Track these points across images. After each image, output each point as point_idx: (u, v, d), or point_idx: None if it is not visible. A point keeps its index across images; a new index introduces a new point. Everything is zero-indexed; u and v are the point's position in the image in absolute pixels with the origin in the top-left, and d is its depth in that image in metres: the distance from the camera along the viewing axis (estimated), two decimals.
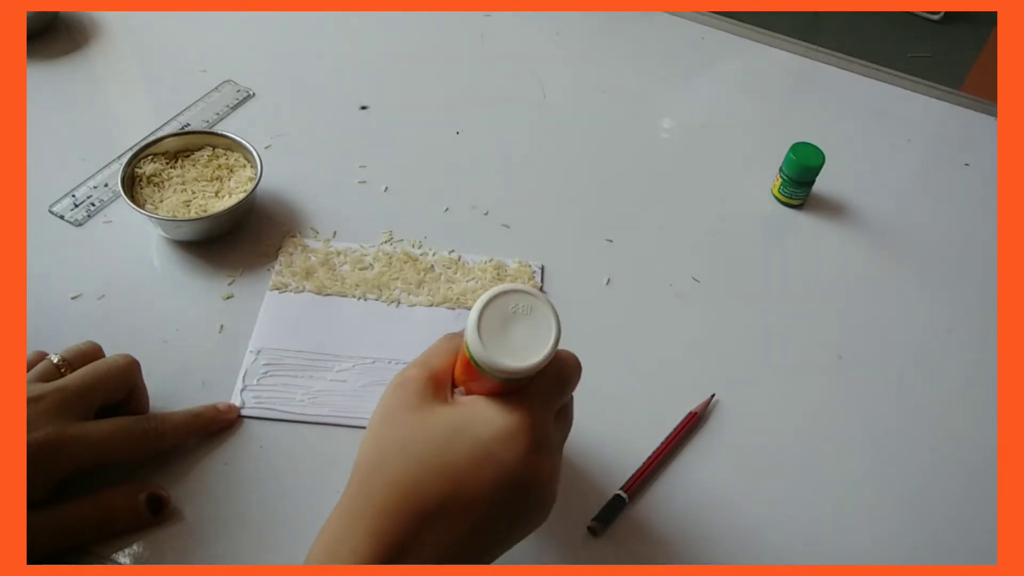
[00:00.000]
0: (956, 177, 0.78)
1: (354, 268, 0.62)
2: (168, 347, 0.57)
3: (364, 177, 0.70)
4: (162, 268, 0.62)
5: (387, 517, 0.37)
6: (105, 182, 0.67)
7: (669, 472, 0.54)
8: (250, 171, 0.65)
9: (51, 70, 0.76)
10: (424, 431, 0.40)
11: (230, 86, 0.76)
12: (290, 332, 0.58)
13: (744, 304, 0.65)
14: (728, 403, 0.58)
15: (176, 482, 0.50)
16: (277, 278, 0.61)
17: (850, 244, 0.70)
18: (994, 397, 0.60)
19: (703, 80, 0.85)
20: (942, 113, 0.84)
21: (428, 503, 0.38)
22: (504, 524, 0.40)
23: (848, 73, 0.87)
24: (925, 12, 2.27)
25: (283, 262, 0.62)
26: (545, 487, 0.40)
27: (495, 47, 0.85)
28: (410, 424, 0.40)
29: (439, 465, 0.38)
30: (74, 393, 0.47)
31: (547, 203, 0.70)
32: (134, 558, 0.47)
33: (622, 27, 0.89)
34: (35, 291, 0.58)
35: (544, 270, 0.64)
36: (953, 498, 0.55)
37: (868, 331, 0.64)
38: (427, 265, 0.63)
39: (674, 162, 0.76)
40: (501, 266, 0.64)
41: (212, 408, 0.53)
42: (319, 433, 0.54)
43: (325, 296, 0.61)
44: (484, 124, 0.76)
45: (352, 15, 0.85)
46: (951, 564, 0.52)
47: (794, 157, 0.69)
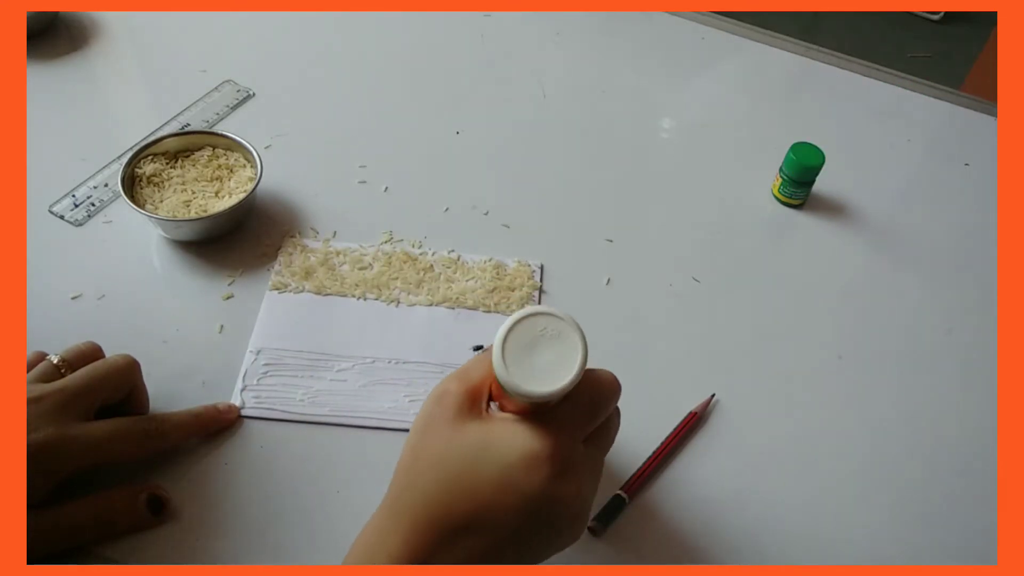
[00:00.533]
0: (956, 177, 0.78)
1: (353, 268, 0.62)
2: (168, 347, 0.57)
3: (364, 177, 0.70)
4: (162, 268, 0.62)
5: (419, 529, 0.39)
6: (105, 182, 0.67)
7: (669, 472, 0.54)
8: (250, 171, 0.65)
9: (51, 70, 0.76)
10: (457, 448, 0.40)
11: (230, 86, 0.76)
12: (290, 332, 0.58)
13: (744, 304, 0.65)
14: (728, 403, 0.58)
15: (176, 482, 0.50)
16: (276, 278, 0.61)
17: (850, 244, 0.70)
18: (994, 397, 0.60)
19: (703, 80, 0.85)
20: (942, 113, 0.84)
21: (457, 520, 0.39)
22: (529, 544, 0.40)
23: (848, 73, 0.87)
24: (925, 12, 2.27)
25: (282, 262, 0.62)
26: (569, 511, 0.40)
27: (495, 47, 0.85)
28: (445, 438, 0.41)
29: (468, 484, 0.39)
30: (74, 394, 0.47)
31: (547, 203, 0.70)
32: (134, 558, 0.47)
33: (622, 27, 0.89)
34: (35, 291, 0.59)
35: (543, 269, 0.64)
36: (953, 498, 0.55)
37: (868, 331, 0.64)
38: (426, 265, 0.63)
39: (674, 162, 0.76)
40: (500, 265, 0.64)
41: (212, 408, 0.53)
42: (319, 433, 0.54)
43: (325, 296, 0.61)
44: (484, 124, 0.76)
45: (352, 15, 0.85)
46: (951, 564, 0.52)
47: (794, 157, 0.69)
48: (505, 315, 0.61)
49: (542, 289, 0.63)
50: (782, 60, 0.88)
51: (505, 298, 0.62)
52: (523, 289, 0.62)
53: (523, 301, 0.62)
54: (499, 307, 0.61)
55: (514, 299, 0.62)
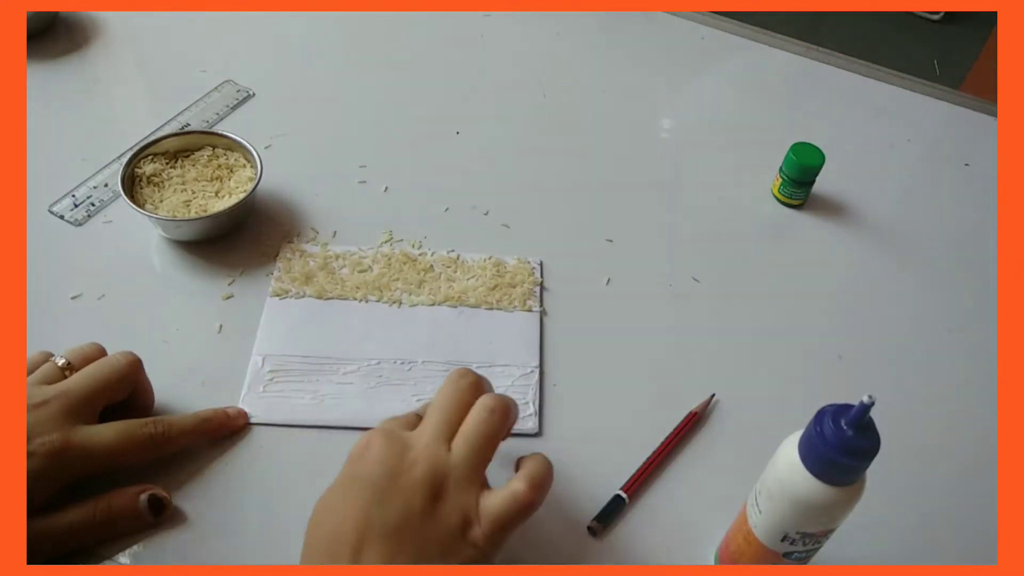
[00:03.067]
0: (956, 177, 0.78)
1: (353, 271, 0.62)
2: (168, 347, 0.57)
3: (364, 177, 0.70)
4: (162, 268, 0.62)
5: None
6: (105, 182, 0.67)
7: (669, 472, 0.54)
8: (250, 171, 0.65)
9: (51, 70, 0.76)
10: None
11: (230, 86, 0.76)
12: (293, 337, 0.58)
13: (744, 304, 0.65)
14: (728, 403, 0.58)
15: (177, 482, 0.50)
16: (277, 284, 0.61)
17: (850, 244, 0.70)
18: (994, 397, 0.60)
19: (703, 80, 0.85)
20: (942, 113, 0.84)
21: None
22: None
23: (848, 73, 0.87)
24: (925, 12, 2.27)
25: (282, 268, 0.62)
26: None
27: (495, 47, 0.84)
28: None
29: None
30: (77, 398, 0.47)
31: (547, 203, 0.70)
32: (134, 558, 0.47)
33: (622, 27, 0.89)
34: (35, 291, 0.58)
35: (543, 266, 0.64)
36: (953, 498, 0.55)
37: (868, 331, 0.64)
38: (426, 265, 0.63)
39: (674, 162, 0.76)
40: (500, 263, 0.64)
41: (222, 413, 0.52)
42: (318, 434, 0.54)
43: (326, 300, 0.60)
44: (484, 124, 0.76)
45: (352, 15, 0.85)
46: (951, 564, 0.52)
47: (794, 157, 0.69)
48: (508, 311, 0.61)
49: (543, 286, 0.63)
50: (782, 60, 0.88)
51: (507, 295, 0.62)
52: (524, 285, 0.62)
53: (525, 297, 0.62)
54: (501, 304, 0.61)
55: (516, 296, 0.62)
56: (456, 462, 0.42)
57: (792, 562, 0.45)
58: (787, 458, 0.41)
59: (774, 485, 0.41)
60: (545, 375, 0.58)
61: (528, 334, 0.60)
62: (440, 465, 0.42)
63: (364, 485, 0.41)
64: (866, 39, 2.17)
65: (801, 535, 0.42)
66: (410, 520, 0.40)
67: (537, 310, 0.61)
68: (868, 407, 0.37)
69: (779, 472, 0.41)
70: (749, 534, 0.44)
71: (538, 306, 0.62)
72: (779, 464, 0.41)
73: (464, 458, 0.43)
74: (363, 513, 0.40)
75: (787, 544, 0.43)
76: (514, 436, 0.53)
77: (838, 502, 0.40)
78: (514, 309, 0.61)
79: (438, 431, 0.44)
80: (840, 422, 0.38)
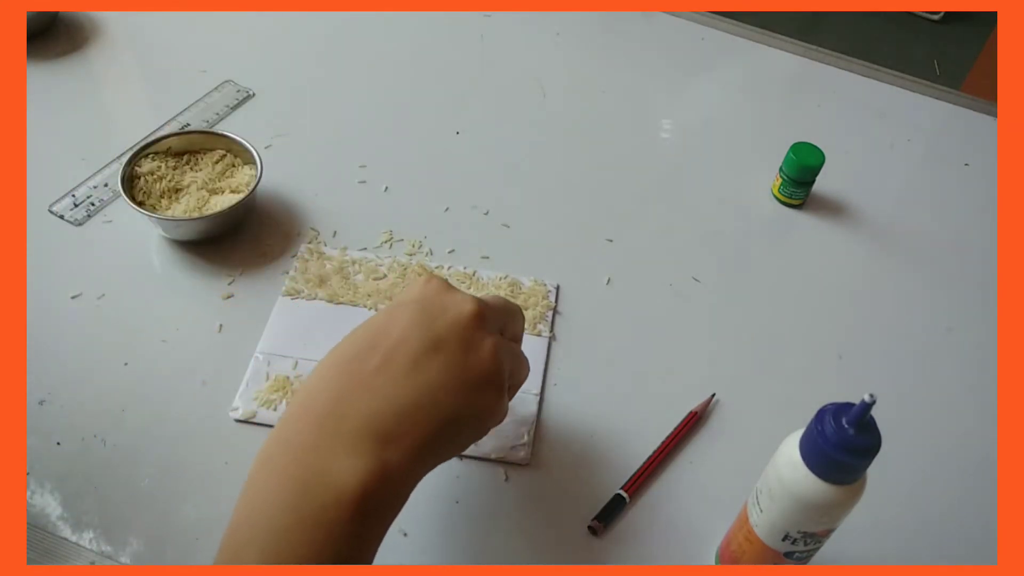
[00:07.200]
0: (956, 177, 0.78)
1: (368, 278, 0.62)
2: (168, 346, 0.57)
3: (364, 177, 0.70)
4: (162, 268, 0.62)
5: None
6: (105, 182, 0.67)
7: (669, 472, 0.54)
8: (250, 171, 0.65)
9: (51, 70, 0.76)
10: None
11: (230, 86, 0.76)
12: (300, 340, 0.57)
13: (744, 304, 0.65)
14: (728, 403, 0.58)
15: (177, 482, 0.50)
16: (291, 283, 0.61)
17: (850, 244, 0.70)
18: (994, 397, 0.60)
19: (703, 80, 0.86)
20: (942, 113, 0.84)
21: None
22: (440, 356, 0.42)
23: (848, 73, 0.87)
24: (925, 12, 2.27)
25: (298, 268, 0.62)
26: (479, 357, 0.43)
27: (495, 47, 0.85)
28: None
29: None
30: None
31: (547, 203, 0.70)
32: (134, 558, 0.47)
33: (622, 27, 0.89)
34: (35, 291, 0.58)
35: (560, 289, 0.63)
36: (953, 498, 0.55)
37: (868, 331, 0.64)
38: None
39: (674, 162, 0.76)
40: (516, 283, 0.63)
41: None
42: None
43: (337, 305, 0.60)
44: (484, 124, 0.76)
45: (352, 15, 0.85)
46: (951, 564, 0.52)
47: (794, 157, 0.69)
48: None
49: (556, 310, 0.62)
50: (782, 60, 0.88)
51: None
52: (536, 308, 0.61)
53: (536, 321, 0.60)
54: None
55: (527, 319, 0.60)
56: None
57: (793, 562, 0.45)
58: (788, 457, 0.41)
59: (775, 484, 0.41)
60: (544, 400, 0.57)
61: (533, 360, 0.58)
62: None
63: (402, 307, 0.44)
64: (866, 39, 2.17)
65: (803, 535, 0.42)
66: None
67: (547, 335, 0.60)
68: (869, 406, 0.37)
69: (780, 471, 0.41)
70: (750, 533, 0.44)
71: (548, 331, 0.60)
72: (780, 463, 0.41)
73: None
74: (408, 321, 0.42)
75: (788, 543, 0.43)
76: (503, 464, 0.53)
77: (839, 501, 0.40)
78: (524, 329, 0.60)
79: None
80: (841, 420, 0.38)
